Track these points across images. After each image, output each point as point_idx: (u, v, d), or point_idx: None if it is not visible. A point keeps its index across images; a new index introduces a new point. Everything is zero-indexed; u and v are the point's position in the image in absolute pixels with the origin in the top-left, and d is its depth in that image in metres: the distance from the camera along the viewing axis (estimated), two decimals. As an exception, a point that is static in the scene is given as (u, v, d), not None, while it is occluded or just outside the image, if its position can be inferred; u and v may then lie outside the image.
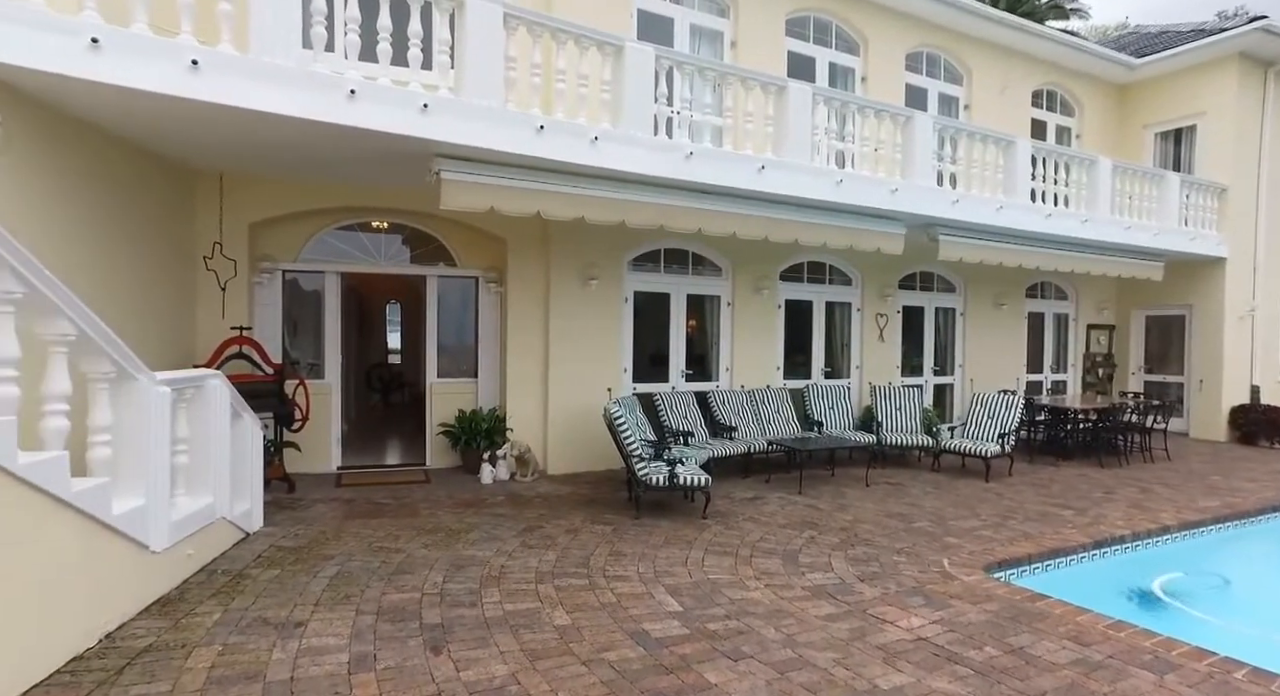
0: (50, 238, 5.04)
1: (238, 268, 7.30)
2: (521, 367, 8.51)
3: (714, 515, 6.80)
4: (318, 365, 8.42)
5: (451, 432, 8.31)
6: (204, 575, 4.77)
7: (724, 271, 9.79)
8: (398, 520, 6.35)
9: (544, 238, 8.51)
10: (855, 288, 10.90)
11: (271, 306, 7.93)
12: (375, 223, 8.50)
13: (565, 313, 8.54)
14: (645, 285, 9.23)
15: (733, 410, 9.19)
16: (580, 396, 8.59)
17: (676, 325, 9.46)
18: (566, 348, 8.55)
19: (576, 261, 8.56)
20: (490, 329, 8.85)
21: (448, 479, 8.10)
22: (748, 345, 9.85)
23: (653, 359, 9.53)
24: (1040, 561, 5.62)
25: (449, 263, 8.72)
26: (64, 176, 5.25)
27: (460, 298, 9.12)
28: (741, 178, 7.49)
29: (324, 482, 7.70)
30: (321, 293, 8.29)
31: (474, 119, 5.97)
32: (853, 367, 10.91)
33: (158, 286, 6.57)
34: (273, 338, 7.91)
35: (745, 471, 8.64)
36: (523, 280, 8.50)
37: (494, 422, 8.25)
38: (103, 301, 5.70)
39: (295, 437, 7.44)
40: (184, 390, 4.69)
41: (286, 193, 7.56)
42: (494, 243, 8.63)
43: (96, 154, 5.63)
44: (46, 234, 5.00)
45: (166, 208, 6.75)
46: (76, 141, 5.37)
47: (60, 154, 5.19)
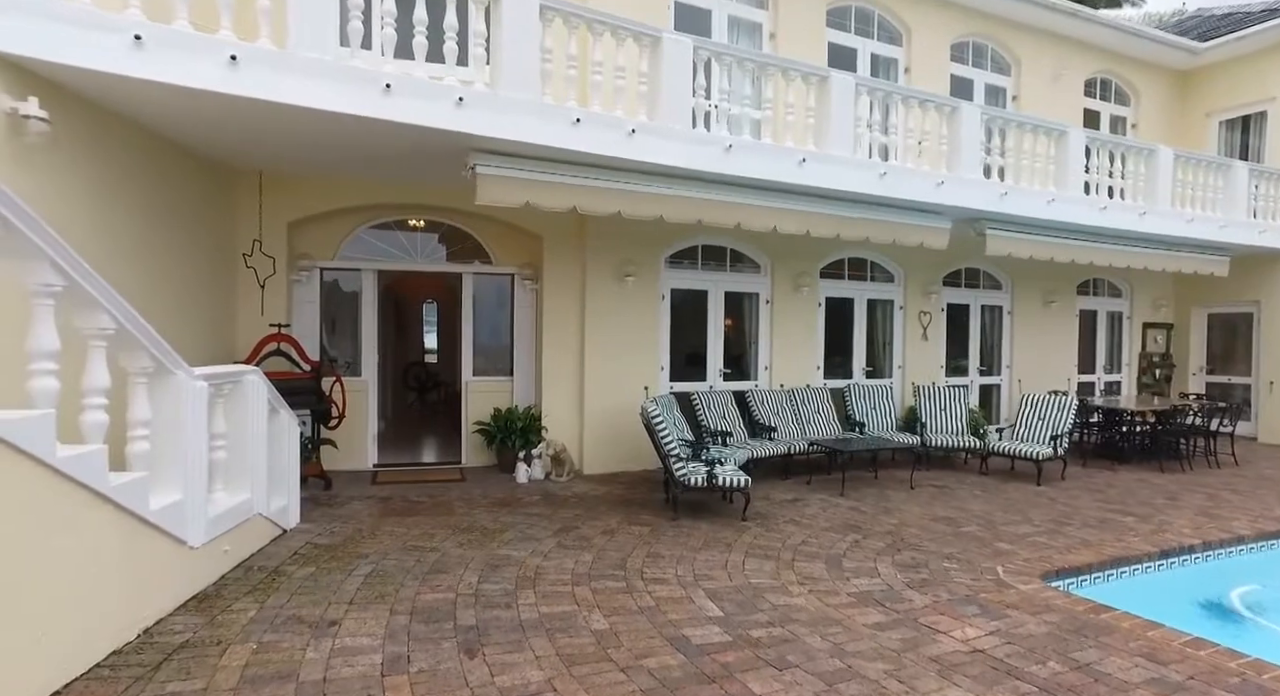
0: (96, 235, 5.09)
1: (276, 265, 7.35)
2: (557, 366, 8.42)
3: (754, 517, 6.61)
4: (354, 363, 8.44)
5: (486, 431, 8.27)
6: (240, 571, 4.75)
7: (763, 268, 9.58)
8: (433, 518, 6.30)
9: (580, 234, 8.42)
10: (898, 285, 10.60)
11: (309, 304, 7.97)
12: (412, 222, 8.50)
13: (601, 310, 8.44)
14: (682, 282, 9.08)
15: (772, 410, 8.99)
16: (617, 395, 8.48)
17: (714, 323, 9.29)
18: (602, 345, 8.45)
19: (613, 258, 8.44)
20: (526, 327, 8.79)
21: (483, 478, 8.05)
22: (787, 343, 9.63)
23: (690, 357, 9.37)
24: (1102, 571, 5.33)
25: (485, 260, 8.68)
26: (109, 175, 5.30)
27: (496, 295, 9.08)
28: (782, 171, 7.29)
29: (360, 480, 7.71)
30: (358, 291, 8.31)
31: (510, 112, 5.89)
32: (895, 367, 10.60)
33: (199, 284, 6.63)
34: (310, 335, 7.95)
35: (785, 472, 8.43)
36: (559, 277, 8.41)
37: (529, 421, 8.18)
38: (146, 298, 5.76)
39: (332, 435, 7.46)
40: (222, 385, 4.68)
41: (324, 191, 7.59)
42: (530, 239, 8.56)
43: (140, 153, 5.69)
44: (93, 231, 5.06)
45: (208, 206, 6.81)
46: (121, 140, 5.42)
47: (105, 153, 5.24)
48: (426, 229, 8.58)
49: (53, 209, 4.61)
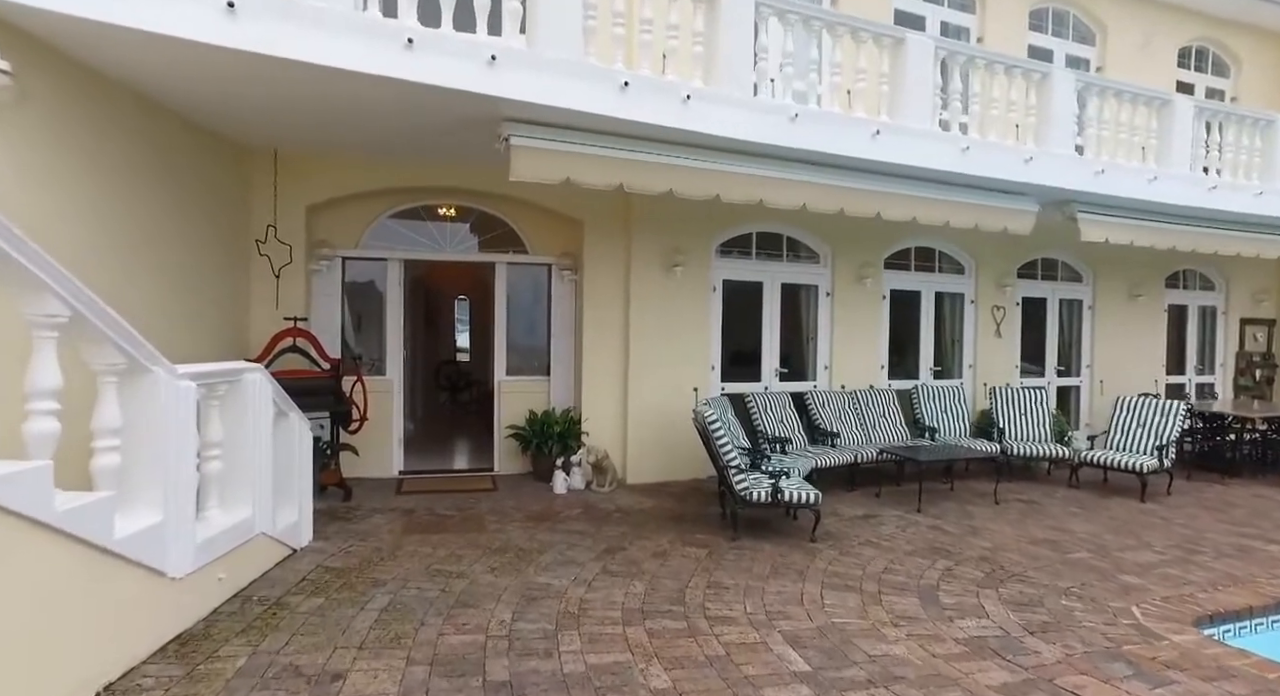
0: (79, 211, 4.47)
1: (293, 254, 6.71)
2: (598, 364, 7.67)
3: (824, 537, 5.79)
4: (380, 361, 7.79)
5: (521, 436, 7.55)
6: (237, 603, 4.07)
7: (822, 258, 8.72)
8: (461, 536, 5.59)
9: (625, 219, 7.65)
10: (968, 276, 9.63)
11: (330, 296, 7.34)
12: (442, 210, 7.82)
13: (648, 303, 7.67)
14: (735, 273, 8.26)
15: (833, 414, 8.12)
16: (664, 397, 7.70)
17: (769, 318, 8.45)
18: (649, 342, 7.67)
19: (660, 246, 7.67)
20: (564, 321, 8.05)
21: (517, 487, 7.33)
22: (849, 340, 8.75)
23: (743, 356, 8.55)
24: (1265, 616, 4.39)
25: (519, 249, 7.96)
26: (93, 144, 4.67)
27: (531, 288, 8.36)
28: (852, 144, 6.43)
29: (383, 489, 7.04)
30: (382, 282, 7.66)
31: (548, 73, 5.14)
32: (965, 366, 9.64)
33: (209, 273, 6.02)
34: (331, 330, 7.32)
35: (851, 483, 7.56)
36: (601, 267, 7.66)
37: (568, 425, 7.44)
38: (146, 287, 5.15)
39: (353, 440, 6.81)
40: (215, 386, 4.01)
41: (345, 172, 6.94)
42: (569, 226, 7.83)
43: (134, 121, 5.06)
44: (73, 209, 4.43)
45: (218, 187, 6.20)
46: (108, 105, 4.79)
47: (87, 117, 4.61)
48: (457, 218, 7.88)
49: (24, 178, 3.99)
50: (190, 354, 5.50)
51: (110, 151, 4.80)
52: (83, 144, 4.54)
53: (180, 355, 5.27)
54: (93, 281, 3.23)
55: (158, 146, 5.32)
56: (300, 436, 5.08)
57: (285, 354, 6.31)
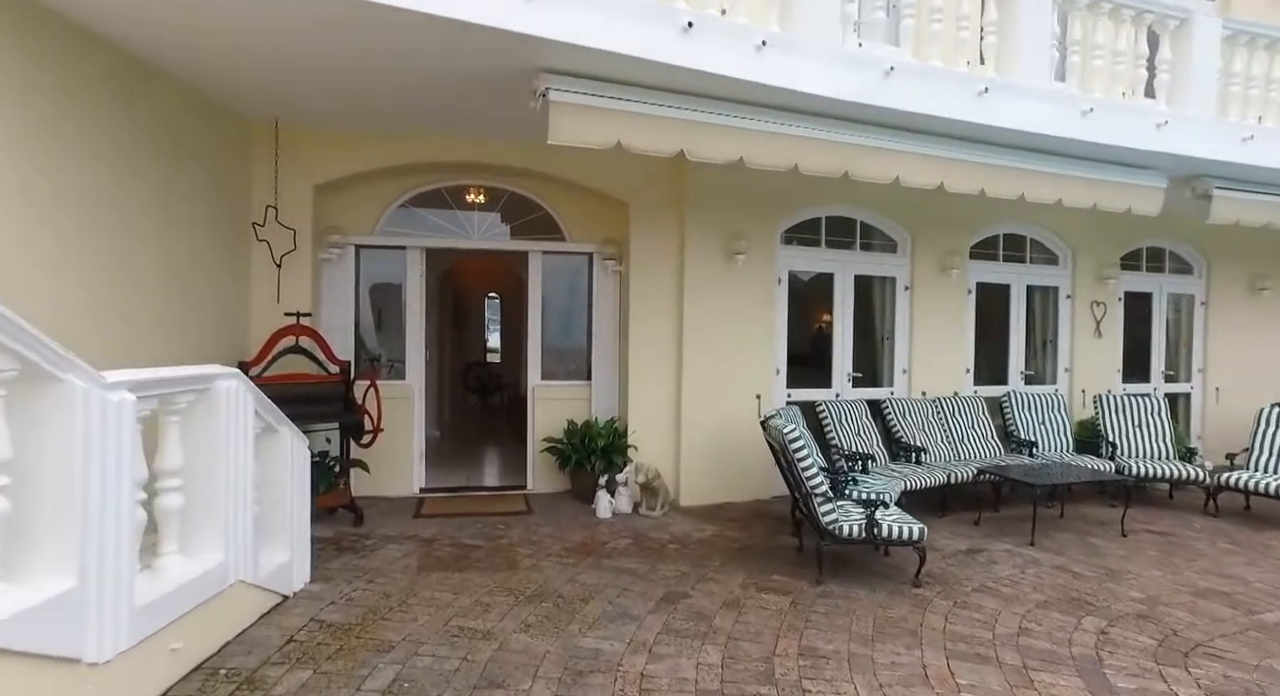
0: (39, 192, 3.59)
1: (298, 239, 5.81)
2: (647, 368, 6.66)
3: (929, 579, 4.71)
4: (398, 363, 6.89)
5: (558, 450, 6.57)
6: (197, 680, 3.13)
7: (901, 246, 7.61)
8: (489, 575, 4.62)
9: (678, 200, 6.64)
10: (1063, 267, 8.43)
11: (341, 289, 6.44)
12: (470, 196, 6.90)
13: (704, 297, 6.64)
14: (803, 263, 7.20)
15: (915, 425, 7.02)
16: (722, 406, 6.67)
17: (842, 314, 7.36)
18: (705, 342, 6.65)
19: (719, 231, 6.64)
20: (607, 319, 7.06)
21: (554, 508, 6.35)
22: (931, 340, 7.63)
23: (810, 358, 7.49)
24: None
25: (556, 236, 6.99)
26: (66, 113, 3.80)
27: (570, 280, 7.38)
28: (956, 104, 5.33)
29: (401, 511, 6.11)
30: (402, 274, 6.74)
31: (595, 9, 4.15)
32: (1060, 370, 8.43)
33: (204, 262, 5.15)
34: (343, 328, 6.42)
35: (942, 508, 6.44)
36: (650, 256, 6.65)
37: (612, 438, 6.44)
38: (130, 279, 4.29)
39: (367, 454, 5.89)
40: (172, 397, 3.09)
41: (356, 147, 6.03)
42: (613, 209, 6.83)
43: (115, 84, 4.18)
44: (33, 186, 3.56)
45: (215, 164, 5.32)
46: (84, 64, 3.92)
47: (58, 77, 3.73)
48: (486, 206, 6.93)
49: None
50: (181, 356, 4.63)
51: (78, 119, 3.92)
52: (41, 110, 3.67)
53: (170, 357, 4.42)
54: (58, 274, 2.34)
55: (138, 113, 4.45)
56: (294, 456, 4.15)
57: (287, 355, 5.42)
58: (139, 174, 4.48)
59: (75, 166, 3.96)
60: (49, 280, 3.79)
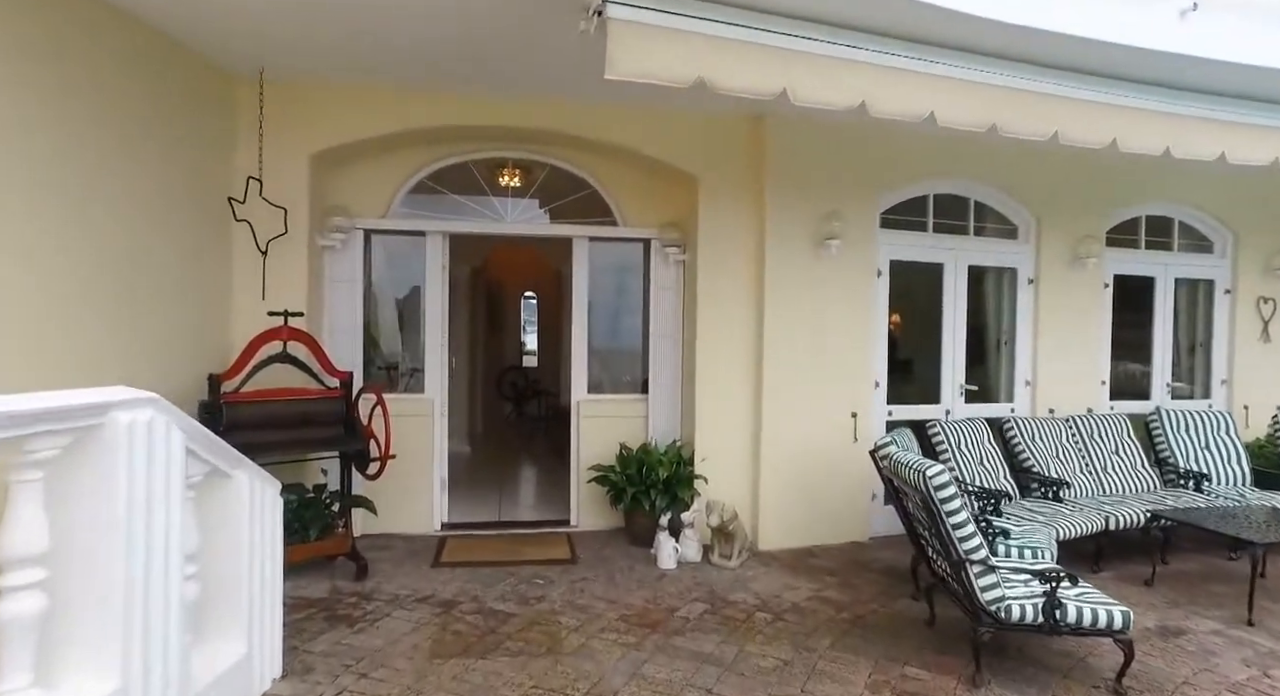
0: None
1: (290, 221, 4.68)
2: (717, 379, 5.41)
3: (1133, 685, 3.36)
4: (416, 372, 5.75)
5: (610, 480, 5.34)
6: None
7: (1023, 231, 6.22)
8: (524, 665, 3.41)
9: (756, 171, 5.38)
10: (1220, 256, 6.93)
11: (347, 284, 5.31)
12: (504, 177, 5.74)
13: (788, 292, 5.37)
14: (907, 251, 5.86)
15: (1048, 451, 5.64)
16: (809, 426, 5.40)
17: (953, 313, 6.01)
18: (789, 346, 5.37)
19: (808, 211, 5.36)
20: (667, 319, 5.82)
21: (604, 554, 5.13)
22: (1060, 345, 6.23)
23: (911, 366, 6.17)
24: None
25: (606, 218, 5.78)
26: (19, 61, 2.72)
27: (621, 272, 6.18)
28: (1141, 29, 3.96)
29: (417, 555, 4.95)
30: (420, 264, 5.59)
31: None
32: (1214, 382, 6.94)
33: (174, 249, 4.05)
34: (350, 329, 5.30)
35: (1096, 560, 5.04)
36: (722, 241, 5.40)
37: (677, 468, 5.20)
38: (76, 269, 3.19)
39: (374, 487, 4.73)
40: (25, 443, 1.94)
41: (362, 105, 4.88)
42: (676, 185, 5.62)
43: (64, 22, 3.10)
44: None
45: (193, 130, 4.22)
46: None
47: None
48: (521, 181, 5.76)
49: None
50: (141, 370, 3.53)
51: (19, 68, 2.84)
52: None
53: (126, 370, 3.33)
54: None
55: (94, 61, 3.35)
56: (257, 509, 2.98)
57: (272, 365, 4.29)
58: (92, 140, 3.38)
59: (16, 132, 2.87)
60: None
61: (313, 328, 4.88)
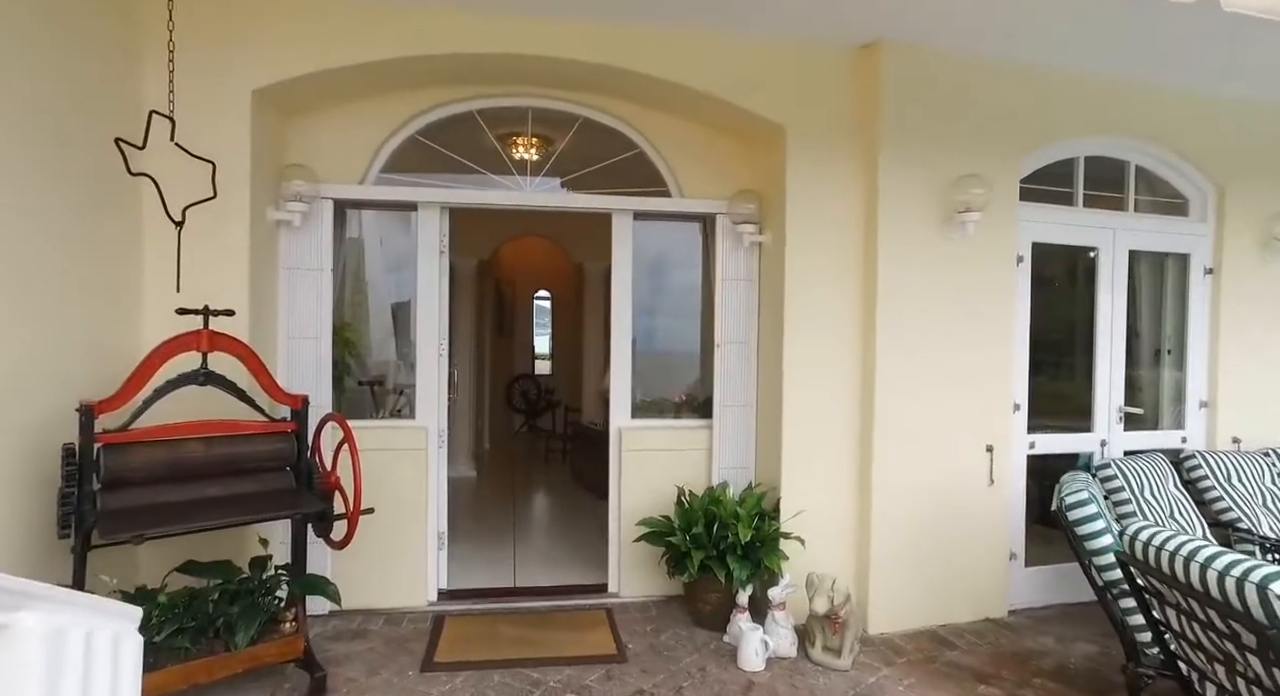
0: None
1: (223, 182, 3.28)
2: (811, 401, 4.00)
3: None
4: (406, 391, 4.37)
5: (666, 540, 3.92)
6: None
7: (1196, 205, 4.79)
8: None
9: (866, 118, 3.97)
10: None
11: (310, 273, 3.91)
12: (519, 143, 4.38)
13: (906, 284, 3.96)
14: (1050, 230, 4.43)
15: (1251, 497, 4.20)
16: (932, 464, 4.00)
17: (1107, 312, 4.57)
18: (907, 357, 3.96)
19: (934, 174, 3.96)
20: (737, 320, 4.40)
21: (662, 643, 3.72)
22: (1247, 355, 4.78)
23: (1053, 382, 4.74)
24: None
25: (655, 187, 4.37)
26: None
27: (670, 261, 4.78)
28: None
29: (403, 650, 3.55)
30: (411, 246, 4.20)
31: None
32: None
33: (42, 217, 2.67)
34: (314, 336, 3.90)
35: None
36: (817, 216, 3.98)
37: (763, 526, 3.79)
38: None
39: (343, 558, 3.32)
40: None
41: (327, 20, 3.49)
42: (754, 141, 4.23)
43: None
44: None
45: (72, 45, 2.84)
46: None
47: None
48: (542, 138, 4.39)
49: None
50: None
51: None
52: None
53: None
54: None
55: None
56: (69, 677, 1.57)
57: (186, 388, 2.89)
58: None
59: None
60: None
61: (260, 332, 3.51)
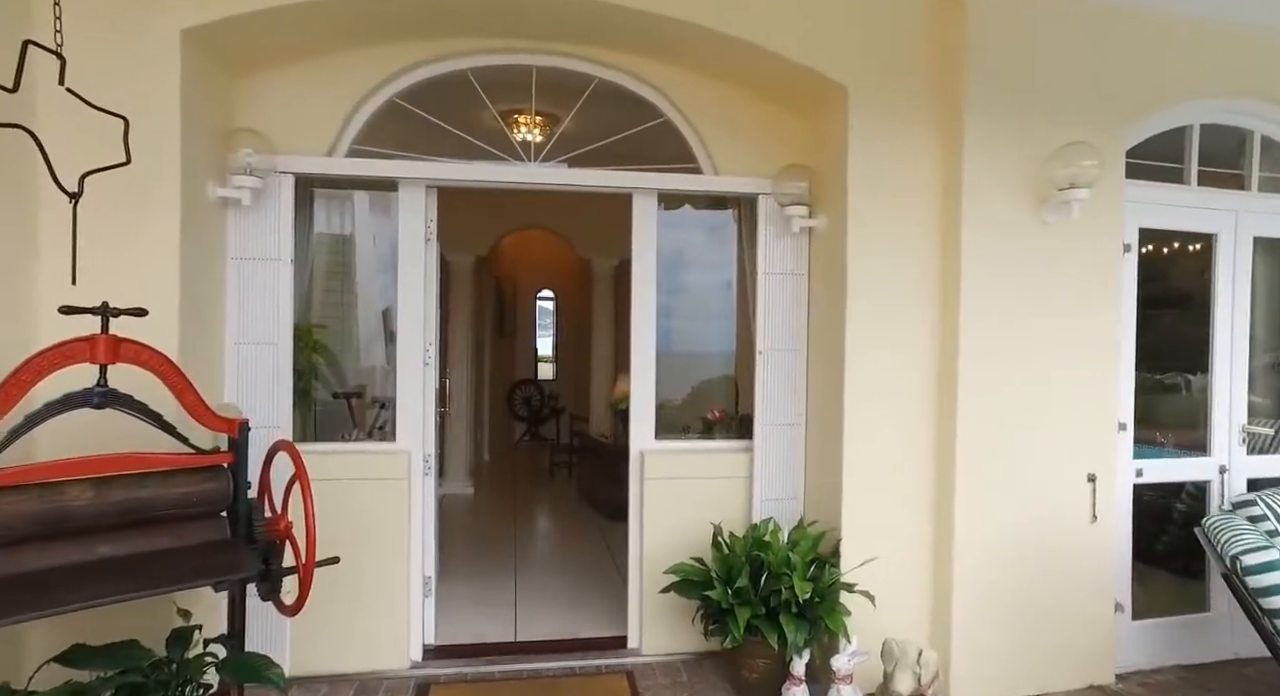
0: None
1: (142, 146, 2.56)
2: (876, 421, 3.26)
3: None
4: (386, 410, 3.65)
5: (697, 587, 3.19)
6: None
7: (1322, 183, 4.05)
8: None
9: (947, 75, 3.24)
10: None
11: (266, 263, 3.18)
12: (522, 119, 3.69)
13: (994, 277, 3.23)
14: (1160, 213, 3.68)
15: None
16: (1024, 497, 3.29)
17: (1227, 312, 3.82)
18: (994, 367, 3.23)
19: (1028, 144, 3.22)
20: (783, 321, 3.65)
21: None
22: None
23: (1158, 394, 4.00)
24: None
25: (685, 163, 3.64)
26: None
27: (696, 250, 4.06)
28: None
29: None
30: (392, 232, 3.48)
31: None
32: None
33: None
34: (271, 342, 3.17)
35: None
36: (885, 195, 3.25)
37: (818, 575, 3.05)
38: None
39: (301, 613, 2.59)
40: None
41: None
42: (806, 107, 3.50)
43: None
44: None
45: None
46: None
47: None
48: (547, 110, 3.68)
49: None
50: None
51: None
52: None
53: None
54: None
55: None
56: None
57: (76, 411, 2.16)
58: None
59: None
60: None
61: (196, 338, 2.79)
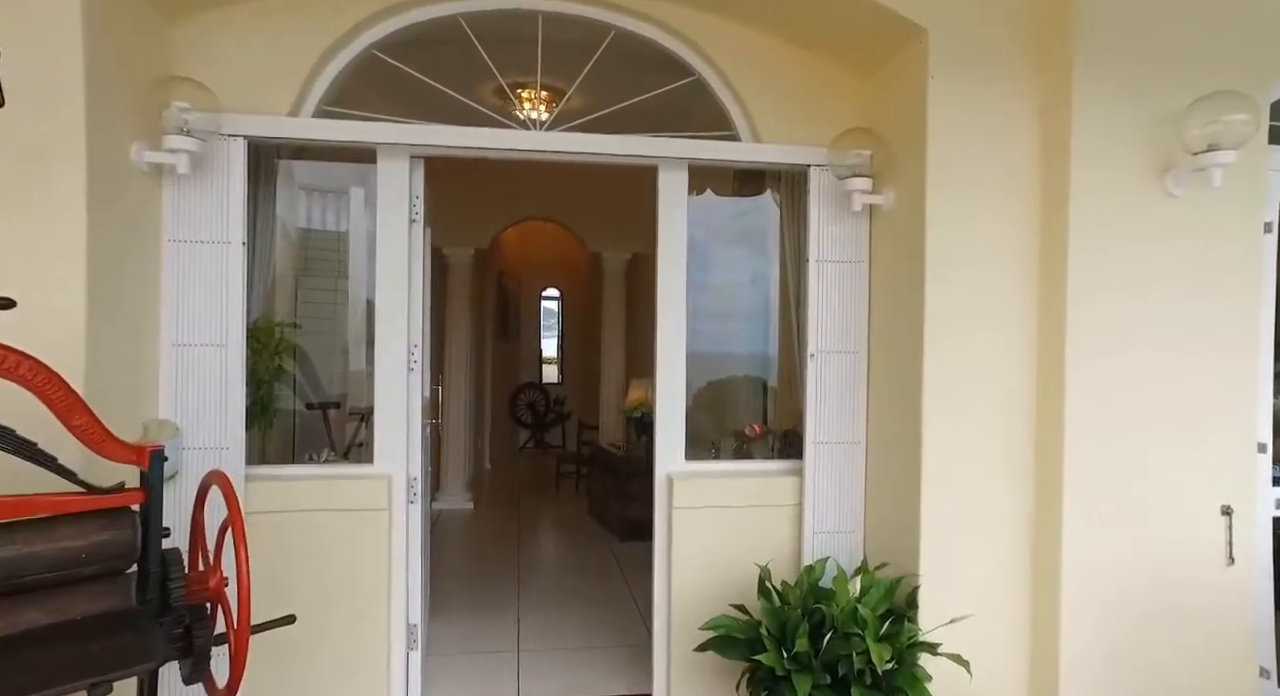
0: None
1: (32, 94, 1.97)
2: (959, 441, 2.64)
3: None
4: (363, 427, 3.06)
5: (741, 646, 2.57)
6: None
7: None
8: None
9: (1050, 17, 2.62)
10: None
11: (210, 246, 2.59)
12: (525, 93, 3.11)
13: (1107, 263, 2.60)
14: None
15: None
16: (1143, 535, 2.65)
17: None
18: (1107, 374, 2.60)
19: (1151, 101, 2.59)
20: (838, 318, 3.03)
21: None
22: None
23: None
24: None
25: (719, 128, 3.03)
26: None
27: (729, 235, 3.46)
28: None
29: None
30: (371, 211, 2.89)
31: None
32: None
33: None
34: (217, 342, 2.58)
35: None
36: (973, 165, 2.64)
37: (892, 633, 2.44)
38: None
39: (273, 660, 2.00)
40: None
41: None
42: (864, 64, 2.88)
43: None
44: None
45: None
46: None
47: None
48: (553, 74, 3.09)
49: None
50: None
51: None
52: None
53: None
54: None
55: None
56: None
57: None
58: None
59: None
60: None
61: (115, 338, 2.21)
